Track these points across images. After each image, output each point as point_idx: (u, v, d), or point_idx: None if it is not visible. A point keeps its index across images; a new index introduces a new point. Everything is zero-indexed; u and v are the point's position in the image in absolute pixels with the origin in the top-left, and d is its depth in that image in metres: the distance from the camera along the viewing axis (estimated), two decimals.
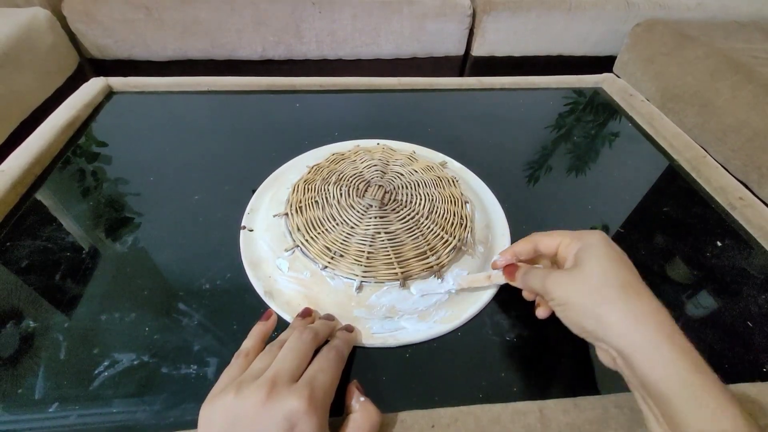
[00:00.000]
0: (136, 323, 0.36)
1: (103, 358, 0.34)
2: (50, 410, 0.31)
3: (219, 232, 0.45)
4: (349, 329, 0.35)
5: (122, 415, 0.31)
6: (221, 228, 0.45)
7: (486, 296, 0.39)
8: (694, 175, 0.57)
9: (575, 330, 0.30)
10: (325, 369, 0.29)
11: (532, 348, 0.37)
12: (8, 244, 0.42)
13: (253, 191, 0.49)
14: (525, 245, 0.36)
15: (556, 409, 0.32)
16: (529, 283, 0.34)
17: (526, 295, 0.37)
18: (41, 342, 0.35)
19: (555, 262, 0.35)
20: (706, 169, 0.56)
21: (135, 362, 0.34)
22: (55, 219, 0.46)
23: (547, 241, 0.35)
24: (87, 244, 0.43)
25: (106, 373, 0.33)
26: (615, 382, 0.34)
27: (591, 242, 0.31)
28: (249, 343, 0.32)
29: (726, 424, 0.23)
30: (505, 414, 0.31)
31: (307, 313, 0.36)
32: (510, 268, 0.36)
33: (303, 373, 0.28)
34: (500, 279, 0.37)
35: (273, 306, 0.38)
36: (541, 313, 0.35)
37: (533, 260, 0.37)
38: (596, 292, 0.28)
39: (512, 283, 0.36)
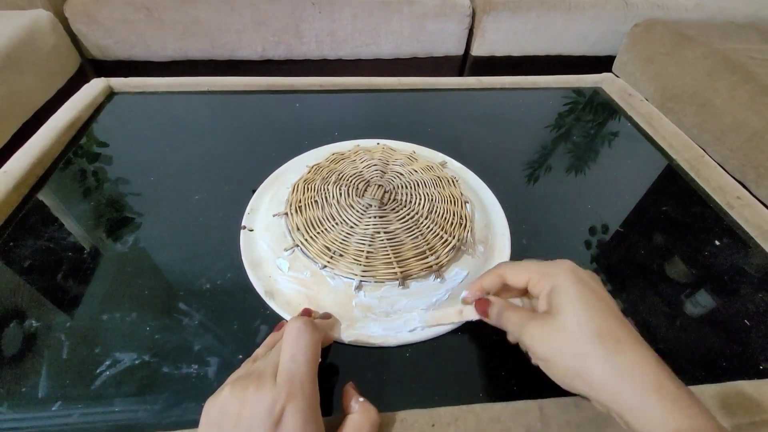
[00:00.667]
0: (137, 323, 0.37)
1: (105, 358, 0.34)
2: (53, 409, 0.31)
3: (219, 232, 0.45)
4: (325, 317, 0.36)
5: (124, 414, 0.31)
6: (221, 228, 0.45)
7: None
8: (692, 174, 0.57)
9: (556, 381, 0.28)
10: (295, 355, 0.28)
11: None
12: (11, 244, 0.43)
13: (253, 191, 0.49)
14: (492, 279, 0.34)
15: (557, 407, 0.32)
16: (504, 326, 0.32)
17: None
18: (44, 341, 0.35)
19: (527, 296, 0.34)
20: (704, 168, 0.56)
21: (136, 362, 0.34)
22: (57, 219, 0.46)
23: (515, 276, 0.32)
24: (88, 244, 0.43)
25: (107, 373, 0.33)
26: None
27: (560, 283, 0.29)
28: (260, 350, 0.33)
29: None
30: (506, 413, 0.31)
31: (306, 314, 0.36)
32: (482, 304, 0.33)
33: None
34: (472, 314, 0.35)
35: (273, 305, 0.38)
36: (512, 339, 0.33)
37: (504, 292, 0.35)
38: (574, 347, 0.27)
39: (486, 321, 0.34)
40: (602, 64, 1.49)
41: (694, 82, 1.06)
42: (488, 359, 0.36)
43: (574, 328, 0.27)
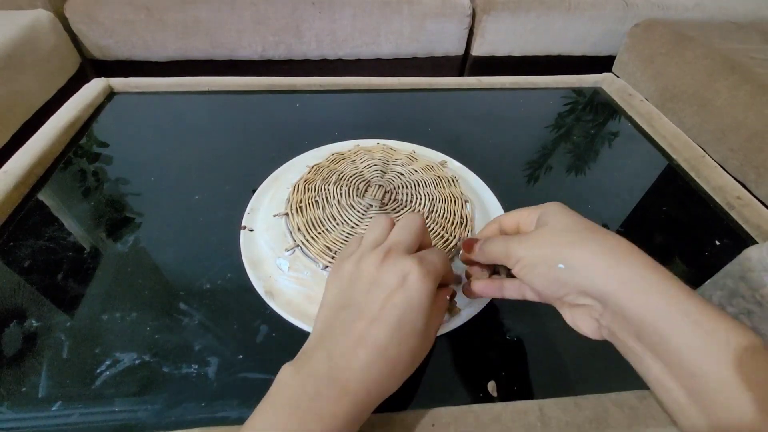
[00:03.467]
0: (137, 323, 0.37)
1: (105, 358, 0.34)
2: (53, 409, 0.31)
3: (219, 232, 0.45)
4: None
5: (124, 414, 0.31)
6: (221, 228, 0.45)
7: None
8: (692, 174, 0.57)
9: (547, 289, 0.28)
10: (434, 252, 0.30)
11: (532, 347, 0.37)
12: (11, 244, 0.43)
13: (253, 191, 0.49)
14: (491, 227, 0.35)
15: (556, 407, 0.32)
16: (489, 250, 0.32)
17: (485, 287, 0.34)
18: (44, 341, 0.35)
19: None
20: (704, 168, 0.56)
21: (136, 361, 0.34)
22: (57, 219, 0.46)
23: (508, 219, 0.34)
24: (88, 244, 0.43)
25: (107, 373, 0.33)
26: (615, 382, 0.34)
27: (549, 208, 0.30)
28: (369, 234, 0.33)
29: (745, 347, 0.21)
30: (506, 413, 0.31)
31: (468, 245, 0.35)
32: (468, 243, 0.34)
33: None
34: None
35: (273, 305, 0.38)
36: (478, 287, 0.34)
37: None
38: (562, 238, 0.27)
39: (471, 256, 0.34)
40: (602, 64, 1.49)
41: (694, 82, 1.06)
42: (488, 359, 0.36)
43: (563, 226, 0.28)
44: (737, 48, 1.08)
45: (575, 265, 0.26)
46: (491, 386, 0.34)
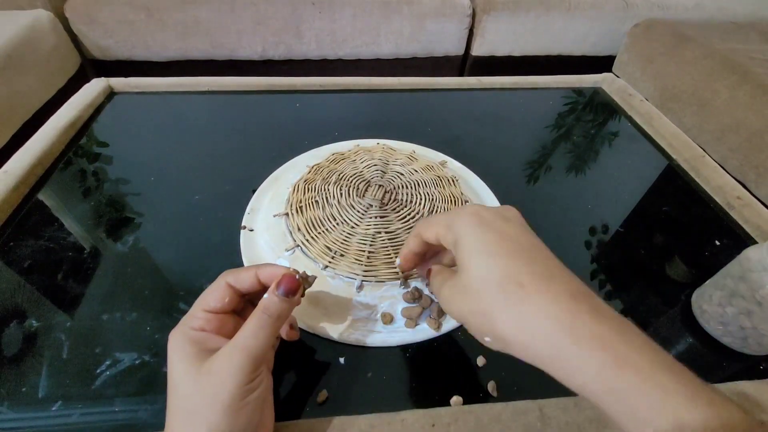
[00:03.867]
0: (137, 323, 0.37)
1: (105, 358, 0.34)
2: (53, 409, 0.31)
3: (219, 232, 0.45)
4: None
5: (124, 413, 0.31)
6: (222, 228, 0.45)
7: None
8: (692, 174, 0.57)
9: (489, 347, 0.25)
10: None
11: None
12: (11, 244, 0.43)
13: (253, 191, 0.49)
14: (415, 241, 0.32)
15: (557, 407, 0.32)
16: (433, 292, 0.30)
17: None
18: (44, 341, 0.35)
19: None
20: (704, 168, 0.56)
21: (136, 361, 0.34)
22: (57, 219, 0.46)
23: (427, 233, 0.30)
24: (88, 244, 0.43)
25: (108, 372, 0.33)
26: None
27: (462, 234, 0.26)
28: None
29: (666, 418, 0.18)
30: (506, 413, 0.31)
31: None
32: (427, 273, 0.32)
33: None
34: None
35: None
36: None
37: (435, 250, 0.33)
38: (479, 304, 0.24)
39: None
40: (602, 64, 1.49)
41: (694, 82, 1.06)
42: (489, 359, 0.36)
43: (477, 284, 0.24)
44: (737, 48, 1.08)
45: (499, 339, 0.23)
46: (491, 386, 0.34)
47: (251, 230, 0.45)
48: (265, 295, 0.27)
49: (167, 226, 0.46)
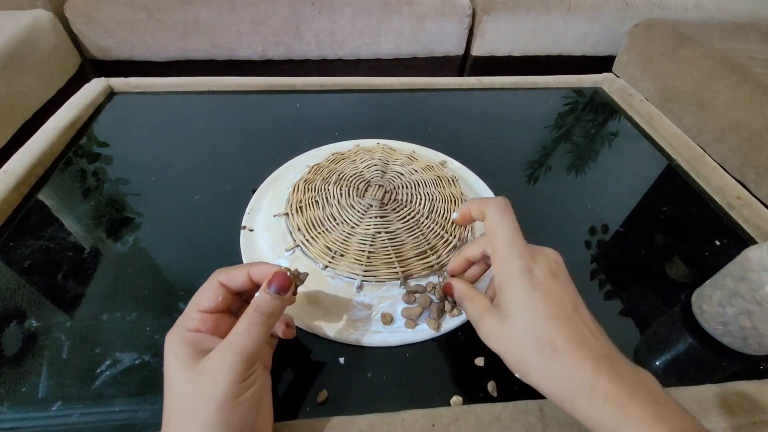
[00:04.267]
0: (137, 323, 0.37)
1: (105, 358, 0.34)
2: (53, 409, 0.31)
3: (219, 232, 0.45)
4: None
5: (124, 414, 0.31)
6: (222, 228, 0.45)
7: None
8: (692, 174, 0.57)
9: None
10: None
11: None
12: (11, 244, 0.43)
13: (253, 191, 0.49)
14: (458, 261, 0.35)
15: (557, 408, 0.31)
16: (465, 312, 0.33)
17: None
18: (44, 341, 0.35)
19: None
20: (704, 168, 0.56)
21: (136, 361, 0.34)
22: (57, 219, 0.46)
23: (471, 252, 0.33)
24: (88, 244, 0.43)
25: (107, 373, 0.33)
26: None
27: (513, 285, 0.28)
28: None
29: None
30: (506, 413, 0.31)
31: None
32: (447, 287, 0.35)
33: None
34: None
35: None
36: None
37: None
38: (517, 352, 0.27)
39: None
40: (602, 64, 1.49)
41: (694, 82, 1.06)
42: (489, 359, 0.36)
43: (518, 334, 0.27)
44: (737, 48, 1.08)
45: (533, 383, 0.27)
46: (491, 386, 0.34)
47: (251, 230, 0.45)
48: (257, 294, 0.28)
49: (167, 226, 0.46)
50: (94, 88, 0.64)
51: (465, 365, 0.35)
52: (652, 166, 0.60)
